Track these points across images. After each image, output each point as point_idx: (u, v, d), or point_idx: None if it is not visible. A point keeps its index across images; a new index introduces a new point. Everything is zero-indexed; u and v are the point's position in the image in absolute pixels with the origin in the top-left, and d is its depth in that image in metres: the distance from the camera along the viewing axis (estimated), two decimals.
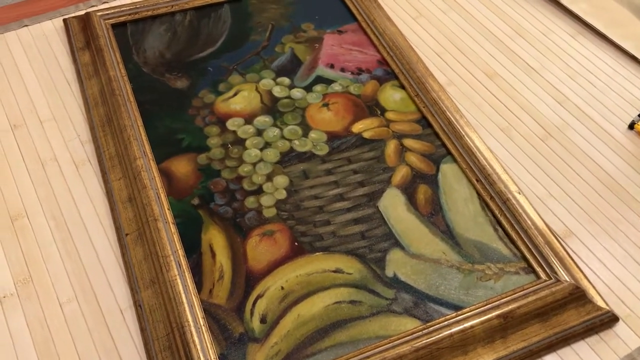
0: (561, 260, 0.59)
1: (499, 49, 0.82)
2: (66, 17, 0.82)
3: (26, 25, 0.82)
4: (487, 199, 0.64)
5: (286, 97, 0.73)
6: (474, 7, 0.88)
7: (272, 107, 0.72)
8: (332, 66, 0.76)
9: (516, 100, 0.77)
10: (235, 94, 0.73)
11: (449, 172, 0.66)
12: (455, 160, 0.67)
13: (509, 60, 0.81)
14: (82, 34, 0.78)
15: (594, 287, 0.59)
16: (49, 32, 0.81)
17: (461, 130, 0.68)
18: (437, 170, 0.66)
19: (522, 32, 0.85)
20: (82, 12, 0.83)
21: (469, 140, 0.68)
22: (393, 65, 0.76)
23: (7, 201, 0.64)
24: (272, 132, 0.69)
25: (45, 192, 0.65)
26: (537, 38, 0.84)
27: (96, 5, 0.84)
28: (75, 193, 0.65)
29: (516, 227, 0.61)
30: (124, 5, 0.81)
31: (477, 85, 0.78)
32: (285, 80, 0.74)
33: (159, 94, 0.72)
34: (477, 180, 0.65)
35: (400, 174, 0.66)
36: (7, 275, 0.59)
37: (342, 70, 0.76)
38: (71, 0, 0.85)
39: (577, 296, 0.57)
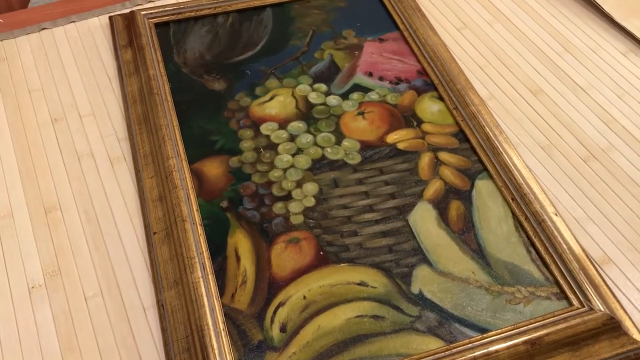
0: (596, 288, 0.57)
1: (545, 65, 0.80)
2: (112, 14, 0.84)
3: (73, 22, 0.84)
4: (522, 219, 0.62)
5: (322, 104, 0.72)
6: (521, 20, 0.86)
7: (306, 113, 0.71)
8: (370, 74, 0.75)
9: (559, 119, 0.74)
10: (271, 99, 0.72)
11: (483, 189, 0.64)
12: (491, 177, 0.65)
13: (555, 76, 0.79)
14: (125, 32, 0.79)
15: (630, 318, 0.56)
16: (94, 29, 0.83)
17: (499, 147, 0.67)
18: (472, 186, 0.64)
19: (570, 47, 0.82)
20: (128, 10, 0.84)
21: (506, 157, 0.66)
22: (433, 76, 0.75)
23: (43, 193, 0.66)
24: (305, 139, 0.68)
25: (80, 186, 0.66)
26: (586, 55, 0.81)
27: (142, 4, 0.86)
28: (108, 189, 0.66)
29: (550, 250, 0.59)
30: (168, 5, 0.82)
31: (519, 101, 0.76)
32: (322, 87, 0.74)
33: (196, 94, 0.72)
34: (512, 199, 0.63)
35: (433, 188, 0.64)
36: (37, 266, 0.60)
37: (381, 78, 0.75)
38: None
39: (612, 327, 0.55)
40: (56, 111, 0.73)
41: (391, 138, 0.69)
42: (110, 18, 0.82)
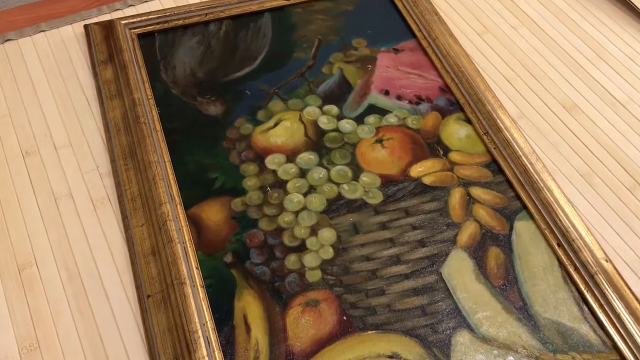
0: None
1: (578, 75, 0.72)
2: (88, 22, 0.73)
3: (43, 31, 0.73)
4: (570, 269, 0.54)
5: (334, 130, 0.63)
6: (548, 23, 0.77)
7: (317, 141, 0.62)
8: (386, 93, 0.66)
9: (598, 139, 0.66)
10: (275, 125, 0.63)
11: (524, 232, 0.56)
12: (531, 217, 0.57)
13: (590, 89, 0.70)
14: (104, 44, 0.69)
15: None
16: (68, 40, 0.72)
17: (538, 179, 0.58)
18: (511, 228, 0.57)
19: (604, 55, 0.73)
20: (106, 18, 0.74)
21: (547, 193, 0.58)
22: (458, 94, 0.66)
23: (15, 245, 0.56)
24: (318, 174, 0.60)
25: (58, 235, 0.57)
26: (623, 63, 0.73)
27: (121, 9, 0.75)
28: (92, 238, 0.57)
29: (605, 307, 0.52)
30: (152, 12, 0.72)
31: (552, 119, 0.68)
32: (333, 109, 0.65)
33: (189, 121, 0.63)
34: (558, 245, 0.55)
35: (468, 232, 0.56)
36: (11, 338, 0.51)
37: (399, 98, 0.66)
38: (93, 2, 0.76)
39: None
40: (27, 142, 0.63)
41: (415, 171, 0.60)
42: (86, 27, 0.72)
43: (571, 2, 0.79)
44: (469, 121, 0.64)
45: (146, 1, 0.76)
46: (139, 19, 0.70)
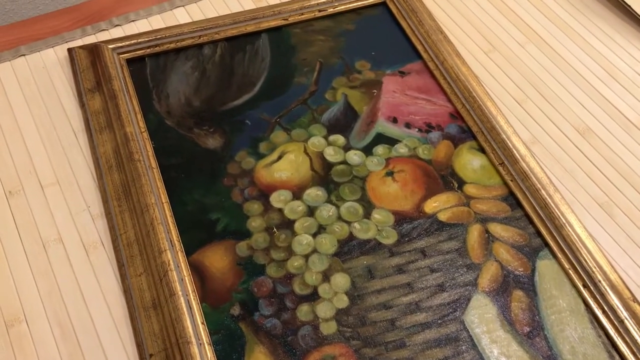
0: None
1: (590, 96, 0.69)
2: (71, 45, 0.68)
3: (23, 55, 0.68)
4: (598, 313, 0.51)
5: (341, 163, 0.59)
6: (556, 40, 0.74)
7: (324, 175, 0.58)
8: (394, 120, 0.63)
9: (615, 166, 0.63)
10: (279, 158, 0.59)
11: (547, 273, 0.53)
12: (554, 256, 0.54)
13: (603, 111, 0.68)
14: (91, 71, 0.64)
15: None
16: (50, 65, 0.67)
17: (560, 216, 0.55)
18: (533, 269, 0.54)
19: (616, 74, 0.71)
20: (90, 40, 0.69)
21: (569, 229, 0.55)
22: (470, 121, 0.63)
23: (1, 299, 0.52)
24: (327, 212, 0.56)
25: (48, 287, 0.53)
26: (635, 82, 0.70)
27: (107, 30, 0.70)
28: (86, 288, 0.53)
29: (638, 354, 0.49)
30: (141, 34, 0.67)
31: (566, 144, 0.65)
32: (339, 139, 0.61)
33: (186, 156, 0.59)
34: (583, 286, 0.52)
35: (489, 273, 0.53)
36: None
37: (408, 125, 0.63)
38: (76, 22, 0.71)
39: None
40: (10, 180, 0.59)
41: (430, 206, 0.57)
42: (70, 51, 0.67)
43: (577, 16, 0.76)
44: (482, 150, 0.61)
45: (133, 21, 0.72)
46: (127, 42, 0.66)
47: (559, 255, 0.54)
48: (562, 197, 0.58)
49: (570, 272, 0.53)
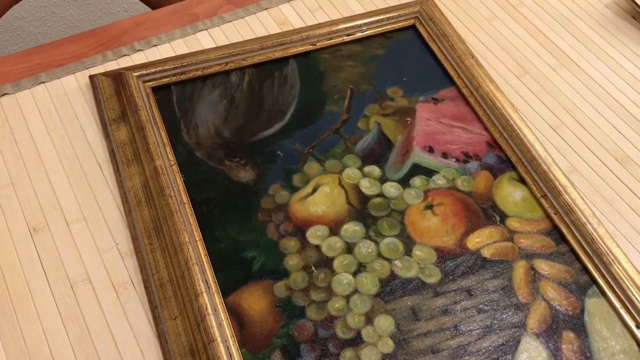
0: None
1: (626, 122, 0.67)
2: (92, 71, 0.66)
3: (43, 82, 0.66)
4: None
5: (378, 195, 0.57)
6: (588, 63, 0.72)
7: (361, 209, 0.56)
8: (430, 150, 0.61)
9: None
10: (314, 191, 0.57)
11: (597, 312, 0.52)
12: (602, 294, 0.52)
13: None
14: (115, 100, 0.62)
15: None
16: (71, 92, 0.65)
17: (608, 252, 0.54)
18: (583, 308, 0.52)
19: None
20: (112, 66, 0.67)
21: (617, 266, 0.53)
22: (508, 151, 0.61)
23: (30, 345, 0.49)
24: (366, 248, 0.54)
25: (78, 331, 0.50)
26: None
27: (128, 55, 0.68)
28: (117, 332, 0.50)
29: None
30: (166, 60, 0.65)
31: (605, 173, 0.63)
32: (375, 171, 0.59)
33: (218, 190, 0.57)
34: (637, 327, 0.51)
35: (537, 314, 0.51)
36: None
37: (444, 155, 0.61)
38: (95, 47, 0.69)
39: None
40: (34, 217, 0.56)
41: (473, 242, 0.55)
42: (92, 78, 0.65)
43: (609, 39, 0.74)
44: (523, 181, 0.59)
45: (155, 45, 0.69)
46: (152, 69, 0.64)
47: (609, 293, 0.52)
48: (606, 231, 0.56)
49: (621, 311, 0.51)
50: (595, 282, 0.53)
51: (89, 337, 0.50)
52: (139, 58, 0.68)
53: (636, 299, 0.51)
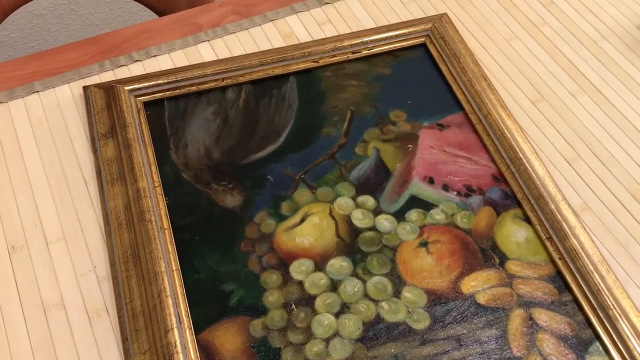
0: None
1: None
2: (88, 81, 0.64)
3: (37, 91, 0.64)
4: None
5: (370, 229, 0.54)
6: (612, 90, 0.67)
7: (351, 243, 0.53)
8: (431, 181, 0.57)
9: None
10: (302, 220, 0.54)
11: None
12: (606, 351, 0.48)
13: None
14: (106, 113, 0.60)
15: None
16: (64, 102, 0.63)
17: (612, 303, 0.49)
18: None
19: None
20: (108, 76, 0.65)
21: (624, 322, 0.48)
22: (514, 186, 0.57)
23: None
24: (352, 287, 0.51)
25: (46, 359, 0.49)
26: None
27: (126, 65, 0.66)
28: None
29: None
30: (161, 74, 0.63)
31: (621, 212, 0.58)
32: (369, 201, 0.56)
33: (202, 215, 0.54)
34: None
35: None
36: None
37: (445, 188, 0.57)
38: (94, 55, 0.67)
39: None
40: (14, 234, 0.55)
41: (468, 285, 0.51)
42: (85, 89, 0.63)
43: (637, 63, 0.69)
44: (528, 220, 0.55)
45: (154, 56, 0.67)
46: (145, 83, 0.61)
47: (612, 351, 0.48)
48: (616, 279, 0.52)
49: None
50: (598, 337, 0.49)
51: None
52: (136, 69, 0.66)
53: None
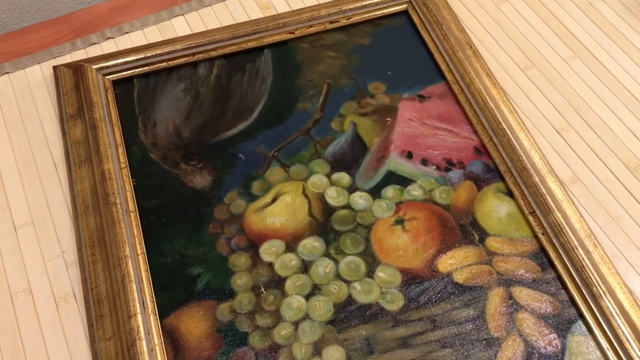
0: None
1: None
2: (59, 61, 0.63)
3: (7, 73, 0.62)
4: None
5: (344, 207, 0.52)
6: (607, 54, 0.63)
7: (324, 222, 0.51)
8: (409, 155, 0.55)
9: None
10: (274, 200, 0.52)
11: (580, 353, 0.45)
12: (589, 331, 0.46)
13: None
14: (74, 94, 0.58)
15: None
16: (35, 84, 0.62)
17: (597, 280, 0.47)
18: (564, 347, 0.45)
19: None
20: (80, 55, 0.63)
21: (608, 299, 0.46)
22: (497, 158, 0.54)
23: None
24: (324, 268, 0.49)
25: (12, 346, 0.47)
26: None
27: (98, 43, 0.64)
28: (53, 350, 0.47)
29: None
30: (131, 50, 0.61)
31: (613, 184, 0.55)
32: (344, 179, 0.53)
33: (170, 196, 0.52)
34: None
35: (510, 351, 0.45)
36: None
37: (424, 162, 0.54)
38: (66, 34, 0.65)
39: None
40: None
41: (445, 264, 0.49)
42: (55, 69, 0.61)
43: (635, 24, 0.65)
44: (510, 194, 0.52)
45: (127, 32, 0.65)
46: (114, 61, 0.59)
47: (596, 330, 0.45)
48: (603, 254, 0.49)
49: (609, 353, 0.45)
50: (582, 316, 0.46)
51: (22, 353, 0.47)
52: (109, 46, 0.64)
53: (627, 340, 0.44)
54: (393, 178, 0.53)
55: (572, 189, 0.55)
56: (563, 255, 0.48)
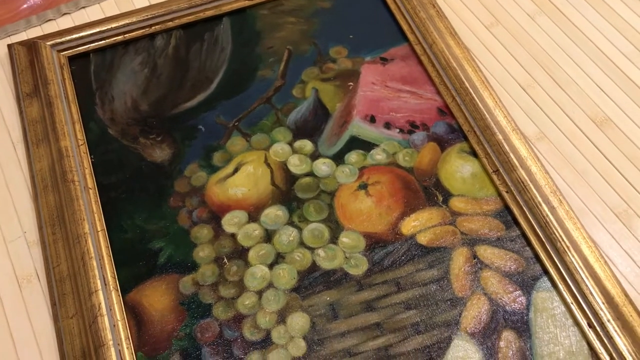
0: None
1: (612, 78, 0.58)
2: (14, 39, 0.61)
3: None
4: (605, 359, 0.43)
5: (307, 174, 0.51)
6: (574, 8, 0.62)
7: (287, 191, 0.50)
8: (372, 119, 0.54)
9: (638, 165, 0.53)
10: (235, 171, 0.51)
11: (545, 309, 0.45)
12: (554, 286, 0.46)
13: (627, 96, 0.57)
14: (29, 72, 0.57)
15: None
16: None
17: (561, 236, 0.46)
18: (529, 303, 0.45)
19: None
20: (36, 33, 0.61)
21: (573, 254, 0.46)
22: (460, 118, 0.53)
23: None
24: (287, 236, 0.48)
25: None
26: None
27: (54, 19, 0.63)
28: (17, 330, 0.47)
29: None
30: (86, 24, 0.59)
31: (580, 139, 0.55)
32: (307, 146, 0.53)
33: (129, 172, 0.51)
34: (588, 326, 0.44)
35: (475, 310, 0.45)
36: None
37: (387, 126, 0.53)
38: (19, 12, 0.64)
39: None
40: None
41: (408, 226, 0.48)
42: (10, 47, 0.60)
43: None
44: (475, 154, 0.52)
45: (84, 7, 0.63)
46: (69, 37, 0.58)
47: (560, 285, 0.45)
48: (569, 209, 0.49)
49: (573, 307, 0.44)
50: (546, 272, 0.46)
51: None
52: (65, 22, 0.63)
53: (590, 293, 0.44)
54: (356, 143, 0.52)
55: (539, 146, 0.54)
56: (527, 212, 0.48)
